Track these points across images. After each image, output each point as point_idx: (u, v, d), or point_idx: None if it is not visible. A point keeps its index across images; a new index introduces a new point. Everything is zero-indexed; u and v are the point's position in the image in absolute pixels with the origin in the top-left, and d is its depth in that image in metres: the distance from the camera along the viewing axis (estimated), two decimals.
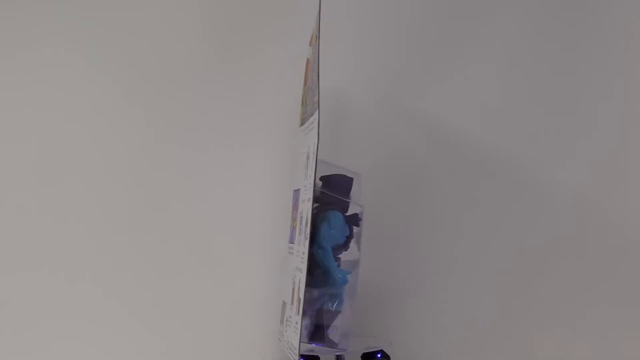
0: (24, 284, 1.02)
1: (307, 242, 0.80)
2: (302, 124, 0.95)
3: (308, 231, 0.81)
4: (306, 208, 0.83)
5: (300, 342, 0.79)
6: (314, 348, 0.86)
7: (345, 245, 0.87)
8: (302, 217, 0.85)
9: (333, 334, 0.85)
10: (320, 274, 0.84)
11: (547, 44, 1.09)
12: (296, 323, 0.80)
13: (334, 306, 0.85)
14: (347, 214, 0.88)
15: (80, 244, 1.04)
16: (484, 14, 1.09)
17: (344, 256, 0.88)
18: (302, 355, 0.86)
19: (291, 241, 0.91)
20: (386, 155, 1.08)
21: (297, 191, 0.91)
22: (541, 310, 1.07)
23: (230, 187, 1.07)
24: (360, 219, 0.88)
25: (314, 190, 0.81)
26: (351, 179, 0.88)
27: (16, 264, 1.03)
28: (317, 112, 0.82)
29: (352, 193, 0.88)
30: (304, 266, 0.80)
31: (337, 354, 0.87)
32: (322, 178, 0.87)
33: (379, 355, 0.91)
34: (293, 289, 0.84)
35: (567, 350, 1.05)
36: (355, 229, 0.87)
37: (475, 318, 1.06)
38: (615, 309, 1.06)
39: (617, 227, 1.08)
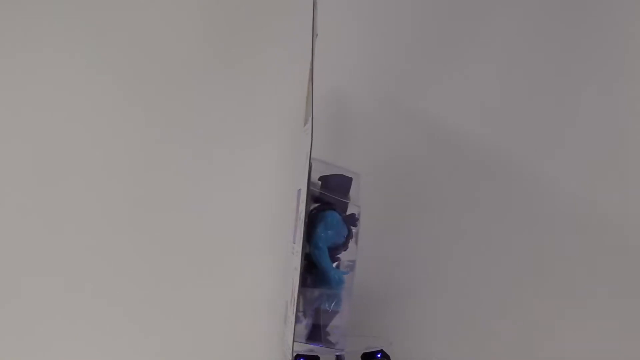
0: (23, 283, 1.03)
1: (301, 242, 0.81)
2: (305, 123, 0.96)
3: (301, 231, 0.81)
4: (303, 208, 0.83)
5: (294, 341, 0.79)
6: (313, 348, 0.86)
7: (344, 246, 0.87)
8: (300, 217, 0.85)
9: (331, 334, 0.85)
10: (318, 274, 0.85)
11: (547, 44, 1.09)
12: (291, 323, 0.80)
13: (331, 306, 0.85)
14: (346, 214, 0.88)
15: (80, 243, 1.04)
16: (484, 14, 1.09)
17: (345, 257, 0.88)
18: (302, 356, 0.86)
19: (294, 241, 0.91)
20: (386, 155, 1.08)
21: (299, 190, 0.91)
22: (541, 310, 1.07)
23: (230, 187, 1.07)
24: (357, 219, 0.88)
25: (308, 191, 0.81)
26: (350, 179, 0.88)
27: (15, 264, 1.03)
28: (311, 118, 0.82)
29: (351, 193, 0.88)
30: (299, 266, 0.80)
31: (337, 354, 0.87)
32: (321, 178, 0.87)
33: (379, 355, 0.91)
34: (292, 289, 0.85)
35: (567, 350, 1.05)
36: (353, 228, 0.87)
37: (475, 318, 1.06)
38: (616, 309, 1.06)
39: (617, 227, 1.08)
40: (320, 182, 0.88)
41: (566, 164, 1.09)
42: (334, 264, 0.86)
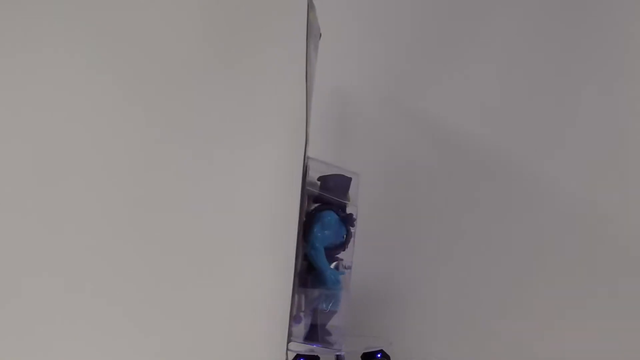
0: (23, 283, 1.03)
1: (296, 243, 0.81)
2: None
3: (297, 232, 0.81)
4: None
5: (289, 340, 0.79)
6: (314, 348, 0.86)
7: (342, 246, 0.87)
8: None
9: (329, 333, 0.85)
10: (316, 274, 0.85)
11: (547, 44, 1.09)
12: (286, 323, 0.81)
13: (329, 306, 0.85)
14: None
15: (80, 244, 1.04)
16: (484, 14, 1.09)
17: (344, 257, 0.88)
18: (302, 356, 0.86)
19: None
20: (386, 155, 1.08)
21: None
22: (541, 310, 1.07)
23: (230, 187, 1.07)
24: (354, 219, 0.88)
25: (304, 191, 0.81)
26: (349, 179, 0.88)
27: (15, 264, 1.03)
28: (306, 117, 0.82)
29: (350, 193, 0.88)
30: (294, 266, 0.80)
31: (337, 354, 0.87)
32: (320, 178, 0.87)
33: (379, 355, 0.91)
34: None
35: (567, 350, 1.05)
36: (351, 229, 0.87)
37: (475, 318, 1.06)
38: (616, 309, 1.06)
39: (617, 227, 1.08)
40: (319, 182, 0.88)
41: (566, 164, 1.08)
42: (333, 264, 0.86)
